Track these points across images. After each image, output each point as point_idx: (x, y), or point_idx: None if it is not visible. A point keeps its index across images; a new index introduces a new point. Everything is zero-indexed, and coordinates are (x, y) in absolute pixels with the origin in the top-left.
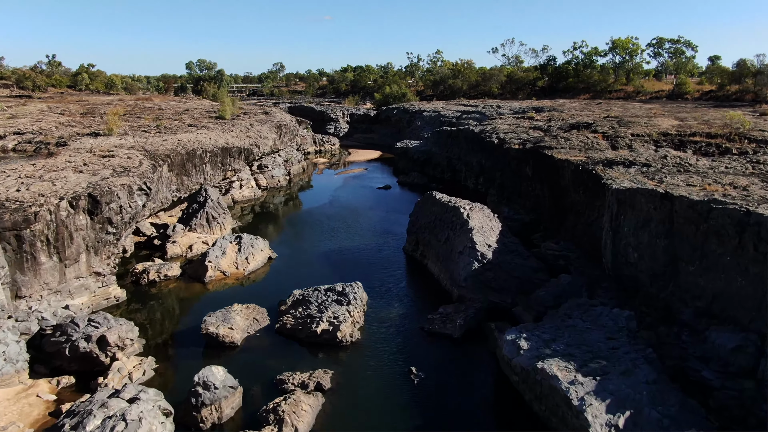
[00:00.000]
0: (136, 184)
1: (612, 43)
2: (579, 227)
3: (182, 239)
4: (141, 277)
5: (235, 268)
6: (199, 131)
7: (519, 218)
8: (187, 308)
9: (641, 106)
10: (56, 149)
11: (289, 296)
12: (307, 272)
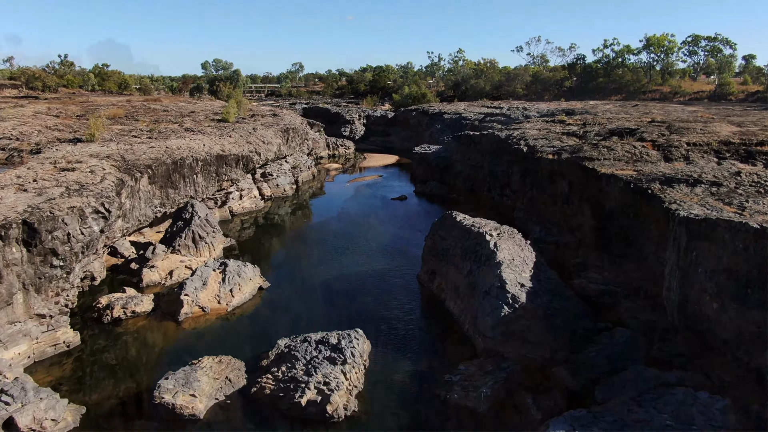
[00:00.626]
0: (90, 205)
1: (646, 40)
2: (630, 257)
3: (162, 263)
4: (104, 313)
5: (216, 302)
6: (194, 136)
7: (552, 240)
8: (150, 358)
9: (683, 108)
10: (28, 157)
11: (273, 348)
12: (301, 308)
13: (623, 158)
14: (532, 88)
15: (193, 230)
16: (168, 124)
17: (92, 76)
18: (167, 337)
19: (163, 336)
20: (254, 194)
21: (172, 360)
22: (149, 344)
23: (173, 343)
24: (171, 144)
